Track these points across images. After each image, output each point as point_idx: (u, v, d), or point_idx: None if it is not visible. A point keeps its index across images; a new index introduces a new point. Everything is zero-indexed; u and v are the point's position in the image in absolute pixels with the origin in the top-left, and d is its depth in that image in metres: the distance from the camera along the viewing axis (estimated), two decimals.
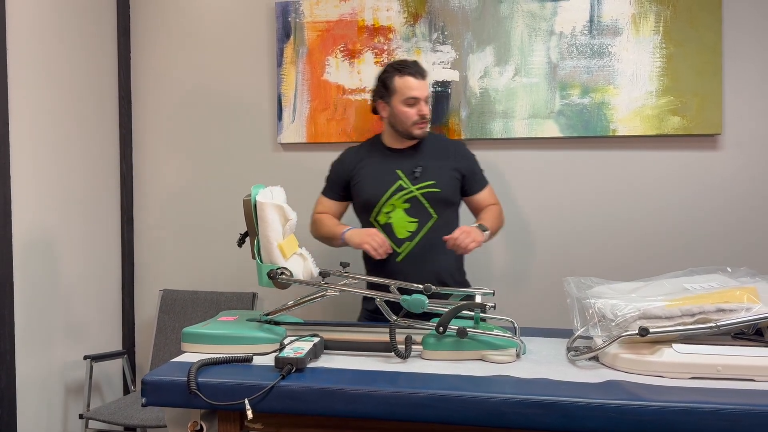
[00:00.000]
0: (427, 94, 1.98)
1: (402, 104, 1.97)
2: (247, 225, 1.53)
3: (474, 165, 2.12)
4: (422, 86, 1.96)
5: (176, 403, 1.27)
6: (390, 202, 2.01)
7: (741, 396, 1.13)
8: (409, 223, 2.00)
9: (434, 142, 2.11)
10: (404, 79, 1.96)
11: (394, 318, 1.45)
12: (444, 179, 2.02)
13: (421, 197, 2.00)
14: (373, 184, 2.05)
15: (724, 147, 2.49)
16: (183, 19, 2.89)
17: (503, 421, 1.15)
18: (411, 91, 1.95)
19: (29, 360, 2.37)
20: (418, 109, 1.97)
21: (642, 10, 2.48)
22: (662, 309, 1.32)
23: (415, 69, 1.97)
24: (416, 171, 2.01)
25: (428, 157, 2.05)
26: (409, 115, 1.97)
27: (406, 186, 2.01)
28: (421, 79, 1.96)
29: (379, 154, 2.09)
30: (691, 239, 2.51)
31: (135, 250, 2.96)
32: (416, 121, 1.98)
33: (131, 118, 2.94)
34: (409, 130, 2.00)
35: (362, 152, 2.13)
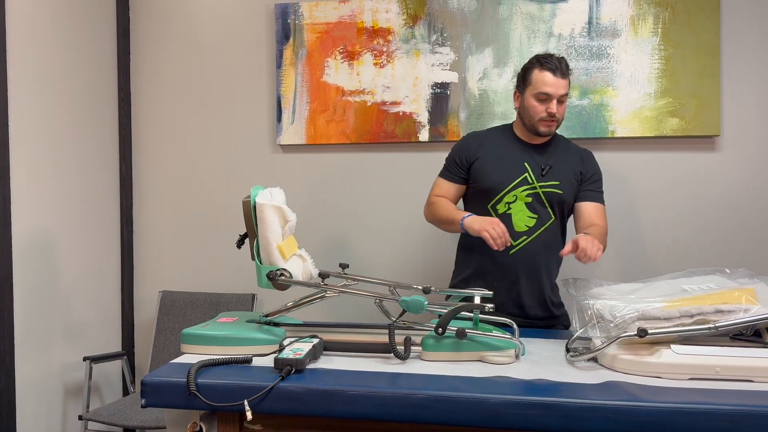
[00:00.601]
0: (563, 93, 1.90)
1: (533, 98, 1.91)
2: (247, 226, 1.53)
3: (597, 176, 2.03)
4: (558, 84, 1.88)
5: (176, 404, 1.27)
6: (513, 192, 1.95)
7: (739, 397, 1.13)
8: (529, 218, 1.95)
9: (565, 144, 2.05)
10: (543, 73, 1.89)
11: (393, 319, 1.46)
12: (567, 182, 1.97)
13: (543, 195, 1.95)
14: (500, 170, 1.97)
15: (723, 148, 2.50)
16: (182, 21, 2.89)
17: (502, 422, 1.15)
18: (545, 87, 1.88)
19: (29, 361, 2.37)
20: (548, 107, 1.89)
21: (641, 12, 2.48)
22: (661, 310, 1.33)
23: (556, 65, 1.88)
24: (544, 168, 1.95)
25: (557, 158, 1.99)
26: (538, 110, 1.91)
27: (531, 181, 1.95)
28: (560, 78, 1.88)
29: (509, 142, 2.02)
30: (689, 240, 2.51)
31: (134, 252, 2.96)
32: (543, 118, 1.91)
33: (131, 120, 2.95)
34: (534, 125, 1.93)
35: (490, 136, 2.06)
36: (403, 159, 2.71)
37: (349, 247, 2.77)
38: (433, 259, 2.71)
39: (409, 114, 2.66)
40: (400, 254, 2.73)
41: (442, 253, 2.69)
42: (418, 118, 2.65)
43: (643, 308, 1.34)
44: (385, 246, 2.74)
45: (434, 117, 2.64)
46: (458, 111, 2.62)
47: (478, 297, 1.59)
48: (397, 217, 2.73)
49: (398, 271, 2.73)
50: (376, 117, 2.68)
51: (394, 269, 2.73)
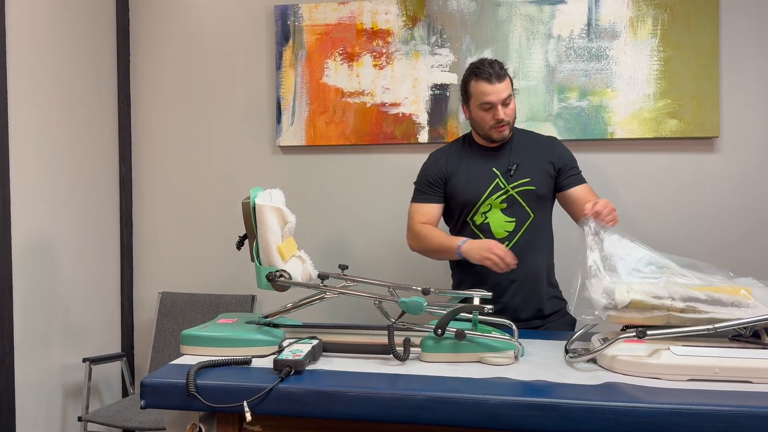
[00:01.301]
0: (505, 96, 1.88)
1: (478, 109, 1.91)
2: (246, 228, 1.53)
3: (570, 160, 2.02)
4: (498, 90, 1.87)
5: (175, 405, 1.27)
6: (488, 201, 1.95)
7: (738, 398, 1.13)
8: (506, 222, 1.95)
9: (526, 137, 2.04)
10: (479, 84, 1.88)
11: (393, 320, 1.46)
12: (538, 176, 1.96)
13: (517, 196, 1.95)
14: (473, 183, 1.97)
15: (722, 150, 2.50)
16: (182, 22, 2.90)
17: (501, 424, 1.15)
18: (484, 96, 1.88)
19: (28, 362, 2.37)
20: (494, 114, 1.89)
21: (640, 14, 2.49)
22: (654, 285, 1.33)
23: (489, 71, 1.87)
24: (511, 168, 1.94)
25: (522, 154, 1.98)
26: (486, 119, 1.91)
27: (503, 185, 1.95)
28: (497, 83, 1.87)
29: (473, 152, 2.02)
30: (688, 242, 2.51)
31: (134, 253, 2.96)
32: (493, 125, 1.91)
33: (130, 121, 2.95)
34: (487, 134, 1.94)
35: (454, 151, 2.05)
36: (403, 160, 2.72)
37: (349, 249, 2.77)
38: (433, 260, 2.71)
39: (408, 115, 2.66)
40: (400, 255, 2.73)
41: None
42: (417, 119, 2.65)
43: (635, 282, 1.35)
44: (385, 247, 2.74)
45: (434, 118, 2.64)
46: (457, 112, 2.62)
47: (477, 298, 1.59)
48: (397, 218, 2.73)
49: (397, 272, 2.73)
50: (375, 118, 2.68)
51: (394, 270, 2.73)
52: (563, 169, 1.99)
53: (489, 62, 1.90)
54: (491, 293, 1.62)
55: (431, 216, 2.02)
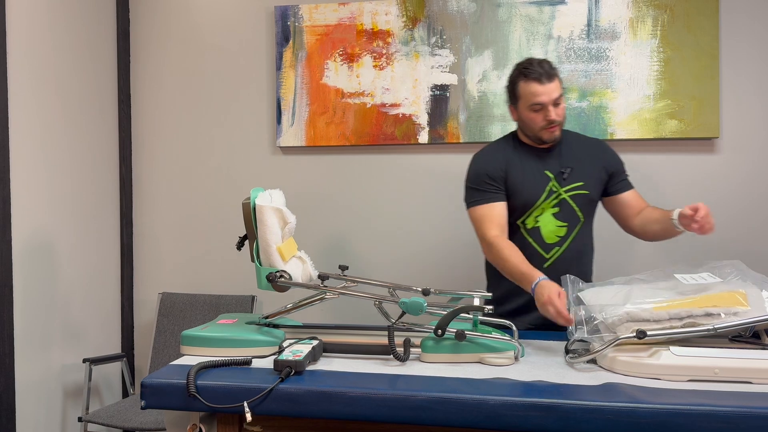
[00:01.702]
0: (556, 96, 1.80)
1: (528, 110, 1.83)
2: (246, 228, 1.53)
3: (620, 164, 1.95)
4: (548, 90, 1.79)
5: (175, 405, 1.27)
6: (541, 206, 1.87)
7: (738, 398, 1.13)
8: (558, 227, 1.88)
9: (575, 139, 1.96)
10: (529, 84, 1.80)
11: (393, 321, 1.46)
12: (592, 180, 1.89)
13: (570, 200, 1.87)
14: (529, 184, 1.87)
15: (722, 150, 2.50)
16: (182, 23, 2.90)
17: (502, 424, 1.15)
18: (535, 97, 1.80)
19: (28, 363, 2.37)
20: (545, 115, 1.81)
21: (640, 15, 2.49)
22: (650, 312, 1.33)
23: (540, 72, 1.80)
24: (565, 172, 1.87)
25: (574, 157, 1.91)
26: (537, 120, 1.83)
27: (556, 189, 1.87)
28: (547, 83, 1.79)
29: (525, 152, 1.92)
30: (688, 242, 2.51)
31: (134, 253, 2.97)
32: (543, 126, 1.83)
33: (130, 122, 2.95)
34: (538, 135, 1.86)
35: (506, 148, 1.94)
36: (403, 161, 2.72)
37: (349, 249, 2.77)
38: (433, 261, 2.71)
39: (408, 116, 2.66)
40: (400, 256, 2.73)
41: (442, 254, 2.70)
42: (417, 120, 2.65)
43: (631, 309, 1.35)
44: (385, 248, 2.74)
45: (434, 119, 2.64)
46: (458, 113, 2.62)
47: (477, 299, 1.59)
48: (397, 218, 2.74)
49: (397, 272, 2.73)
50: (375, 119, 2.68)
51: (394, 271, 2.73)
52: (615, 174, 1.94)
53: (538, 62, 1.82)
54: (490, 294, 1.61)
55: (502, 218, 1.86)
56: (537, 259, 1.84)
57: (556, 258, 1.88)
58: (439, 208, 2.69)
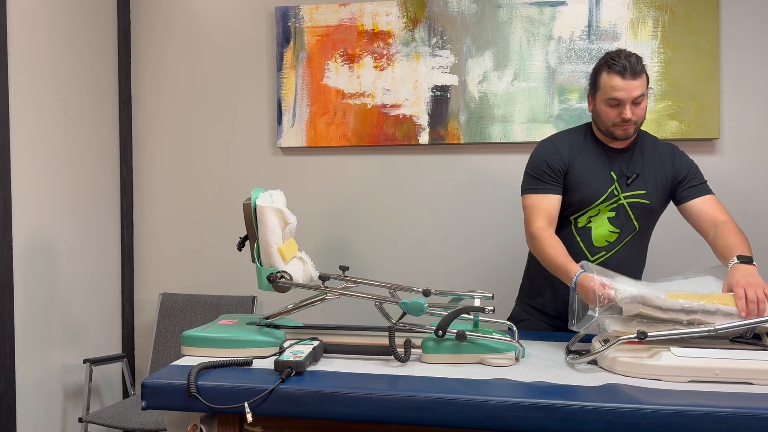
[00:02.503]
0: (637, 95, 1.70)
1: (604, 104, 1.74)
2: (247, 229, 1.54)
3: (690, 169, 1.83)
4: (630, 87, 1.69)
5: (176, 406, 1.27)
6: (598, 207, 1.80)
7: (739, 399, 1.13)
8: (610, 233, 1.80)
9: (650, 144, 1.86)
10: (611, 77, 1.71)
11: (393, 321, 1.46)
12: (656, 189, 1.81)
13: (627, 207, 1.80)
14: (590, 183, 1.79)
15: (722, 151, 2.50)
16: (183, 24, 2.90)
17: (502, 425, 1.15)
18: (614, 92, 1.70)
19: (29, 363, 2.37)
20: (621, 111, 1.71)
21: (640, 16, 2.49)
22: (663, 300, 1.33)
23: (625, 65, 1.69)
24: (630, 177, 1.79)
25: (644, 163, 1.82)
26: (611, 116, 1.73)
27: (617, 192, 1.80)
28: (630, 79, 1.69)
29: (594, 149, 1.83)
30: (688, 243, 2.51)
31: (135, 254, 2.97)
32: (617, 123, 1.73)
33: (131, 122, 2.95)
34: (609, 131, 1.76)
35: (576, 140, 1.86)
36: (403, 161, 2.72)
37: (349, 250, 2.77)
38: (434, 262, 2.71)
39: (409, 117, 2.66)
40: (400, 257, 2.73)
41: (443, 255, 2.70)
42: (418, 120, 2.65)
43: (646, 293, 1.34)
44: (385, 248, 2.74)
45: (434, 120, 2.64)
46: (458, 114, 2.62)
47: (478, 299, 1.59)
48: (397, 219, 2.74)
49: (398, 273, 2.73)
50: (376, 120, 2.68)
51: (394, 272, 2.73)
52: (683, 180, 1.83)
53: (626, 54, 1.72)
54: (491, 294, 1.61)
55: (552, 211, 1.79)
56: (580, 259, 1.71)
57: (601, 263, 1.80)
58: (439, 208, 2.69)
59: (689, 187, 1.82)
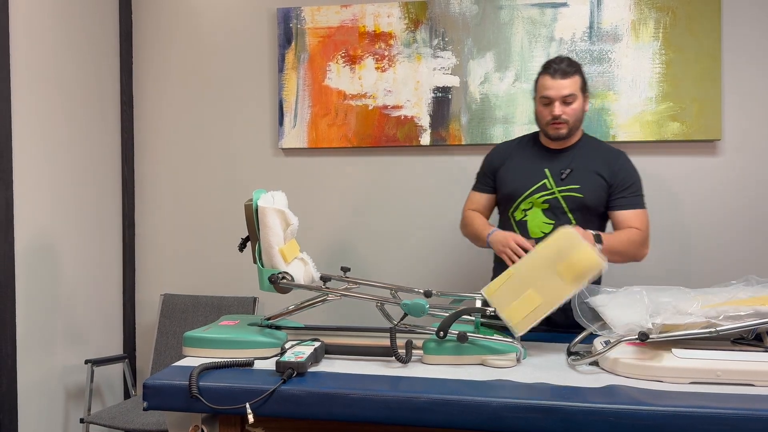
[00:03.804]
0: (566, 94, 1.85)
1: (539, 103, 1.93)
2: (249, 229, 1.54)
3: (628, 181, 1.93)
4: (558, 86, 1.85)
5: (178, 406, 1.27)
6: (529, 199, 1.94)
7: (740, 401, 1.13)
8: (544, 224, 1.92)
9: (593, 146, 1.99)
10: (543, 77, 1.90)
11: (395, 322, 1.46)
12: (590, 186, 1.91)
13: (562, 200, 1.91)
14: (517, 177, 1.98)
15: (724, 153, 2.50)
16: (185, 25, 2.91)
17: (503, 426, 1.15)
18: (544, 90, 1.88)
19: (30, 364, 2.37)
20: (551, 110, 1.87)
21: (641, 17, 2.49)
22: (698, 310, 1.31)
23: (555, 67, 1.87)
24: (564, 172, 1.92)
25: (580, 161, 1.94)
26: (543, 114, 1.91)
27: (550, 186, 1.93)
28: (559, 78, 1.85)
29: (531, 150, 2.02)
30: (689, 244, 2.51)
31: (136, 255, 2.97)
32: (548, 121, 1.89)
33: (133, 123, 2.96)
34: (545, 130, 1.93)
35: (514, 145, 2.08)
36: (405, 163, 2.72)
37: (351, 251, 2.77)
38: (435, 263, 2.71)
39: (410, 118, 2.66)
40: (402, 258, 2.73)
41: (444, 256, 2.70)
42: (419, 122, 2.65)
43: (680, 306, 1.33)
44: (387, 249, 2.74)
45: (435, 121, 2.64)
46: (459, 115, 2.62)
47: (479, 301, 1.59)
48: (399, 220, 2.74)
49: (399, 274, 2.73)
50: (377, 121, 2.69)
51: (396, 273, 2.73)
52: (614, 188, 1.92)
53: (560, 59, 1.89)
54: None
55: (479, 204, 2.09)
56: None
57: None
58: (441, 209, 2.69)
59: (621, 197, 1.92)
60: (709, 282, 2.45)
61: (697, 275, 2.50)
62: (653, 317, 1.33)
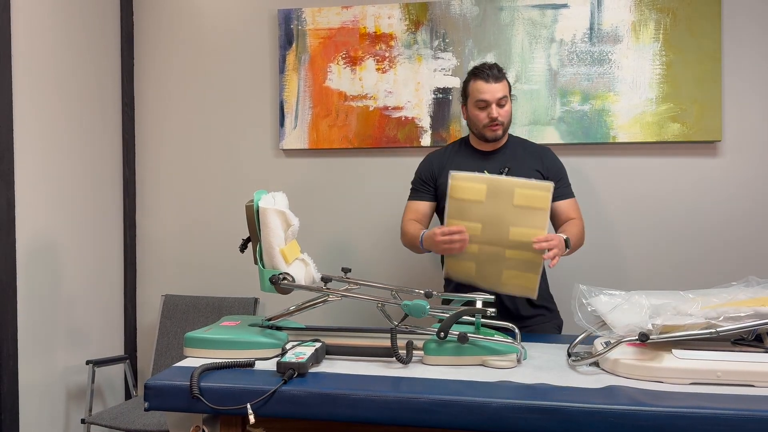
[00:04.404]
0: (500, 96, 1.96)
1: (474, 107, 2.00)
2: (250, 230, 1.54)
3: (560, 172, 2.07)
4: (493, 89, 1.96)
5: (179, 407, 1.28)
6: None
7: (740, 402, 1.13)
8: None
9: (520, 145, 2.10)
10: (477, 83, 1.98)
11: (395, 323, 1.46)
12: None
13: None
14: None
15: (724, 154, 2.50)
16: (186, 26, 2.91)
17: (504, 426, 1.15)
18: (480, 94, 1.97)
19: (32, 364, 2.38)
20: (488, 112, 1.97)
21: (642, 18, 2.49)
22: (698, 311, 1.32)
23: (488, 72, 1.97)
24: (503, 171, 1.99)
25: (514, 158, 2.04)
26: (480, 117, 1.99)
27: None
28: (493, 83, 1.96)
29: (466, 154, 2.09)
30: (690, 246, 2.52)
31: (137, 255, 2.97)
32: (486, 124, 1.98)
33: (134, 124, 2.96)
34: (481, 132, 2.01)
35: (448, 152, 2.13)
36: (405, 164, 2.72)
37: (351, 252, 2.78)
38: (435, 264, 2.72)
39: (411, 119, 2.67)
40: (403, 259, 2.73)
41: None
42: (420, 122, 2.66)
43: (680, 307, 1.34)
44: (387, 250, 2.74)
45: (436, 122, 2.65)
46: (460, 116, 2.62)
47: (480, 302, 1.59)
48: (399, 221, 2.74)
49: (400, 275, 2.73)
50: (378, 122, 2.69)
51: (396, 273, 2.73)
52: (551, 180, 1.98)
53: (489, 65, 2.00)
54: (493, 297, 1.62)
55: (419, 213, 2.10)
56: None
57: None
58: None
59: (556, 188, 1.98)
60: (710, 283, 2.46)
61: (697, 276, 2.51)
62: (653, 318, 1.33)
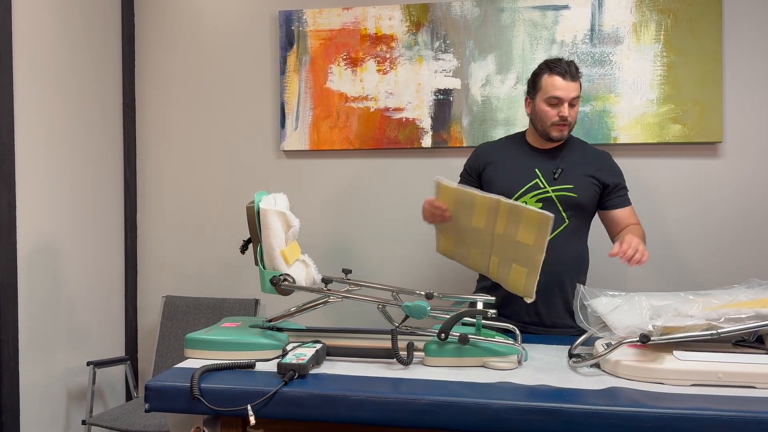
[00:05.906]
0: (574, 96, 1.90)
1: (544, 103, 1.91)
2: (250, 231, 1.54)
3: (619, 179, 2.01)
4: (569, 88, 1.88)
5: (179, 408, 1.27)
6: (522, 198, 1.94)
7: (742, 403, 1.13)
8: None
9: (580, 147, 2.03)
10: (552, 77, 1.89)
11: (396, 324, 1.46)
12: (583, 185, 1.94)
13: (556, 199, 1.93)
14: (508, 178, 1.98)
15: (725, 155, 2.50)
16: (187, 27, 2.91)
17: (505, 428, 1.15)
18: (555, 91, 1.88)
19: (33, 366, 2.38)
20: (559, 110, 1.89)
21: (643, 19, 2.49)
22: (699, 312, 1.32)
23: (566, 69, 1.89)
24: (556, 172, 1.94)
25: (570, 161, 1.98)
26: (550, 114, 1.91)
27: (543, 186, 1.94)
28: (570, 81, 1.88)
29: (519, 150, 2.03)
30: (691, 246, 2.51)
31: (138, 257, 2.97)
32: (555, 122, 1.91)
33: (135, 125, 2.96)
34: (546, 130, 1.93)
35: (500, 145, 2.08)
36: (406, 165, 2.72)
37: (352, 253, 2.78)
38: (436, 265, 2.71)
39: (411, 120, 2.67)
40: (403, 260, 2.73)
41: (445, 258, 2.70)
42: (420, 124, 2.66)
43: (681, 308, 1.34)
44: (388, 251, 2.74)
45: (437, 123, 2.65)
46: (461, 117, 2.63)
47: (480, 303, 1.59)
48: (400, 222, 2.74)
49: (401, 276, 2.73)
50: (379, 123, 2.69)
51: (397, 275, 2.73)
52: (610, 188, 1.98)
53: (567, 62, 1.92)
54: (493, 298, 1.62)
55: None
56: None
57: None
58: None
59: (616, 197, 1.99)
60: (711, 285, 2.46)
61: (698, 278, 2.50)
62: (654, 319, 1.33)
